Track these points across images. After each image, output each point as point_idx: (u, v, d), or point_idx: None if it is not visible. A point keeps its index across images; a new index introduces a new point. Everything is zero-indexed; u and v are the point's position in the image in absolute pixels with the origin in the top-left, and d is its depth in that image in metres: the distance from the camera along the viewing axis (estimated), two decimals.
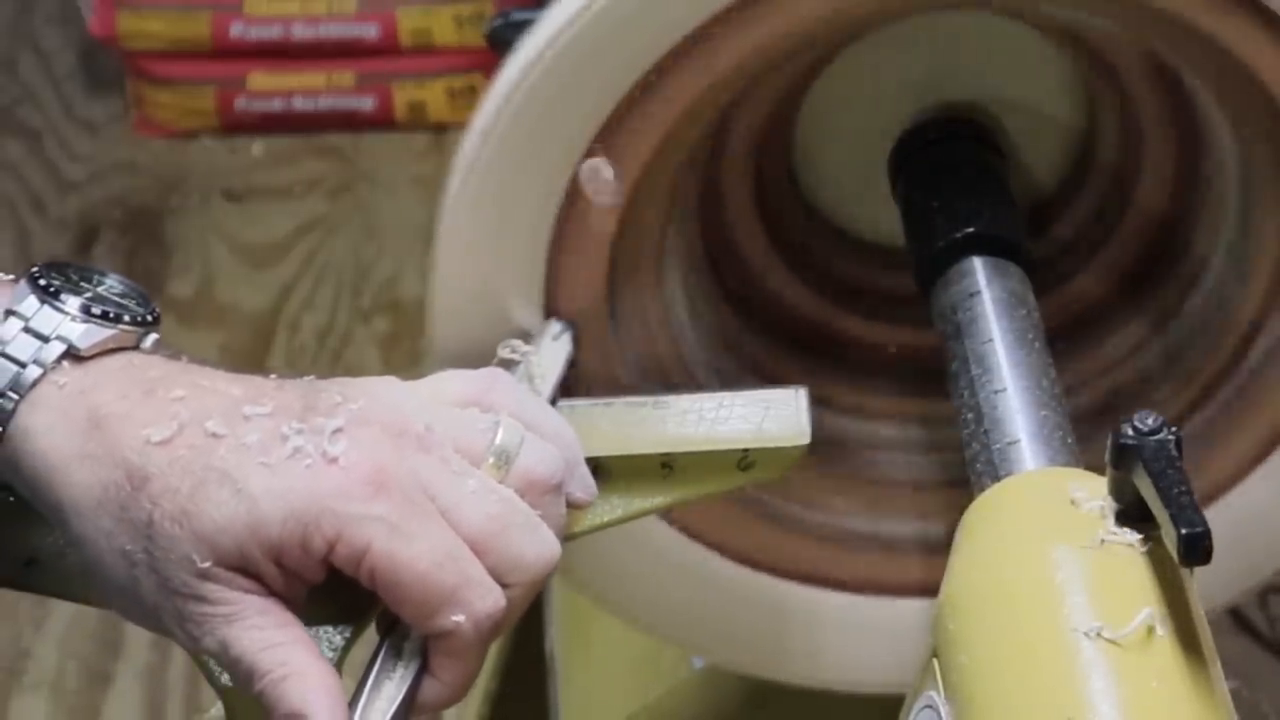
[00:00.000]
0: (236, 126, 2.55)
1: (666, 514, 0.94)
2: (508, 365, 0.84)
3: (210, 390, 0.71)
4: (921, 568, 0.98)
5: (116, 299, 0.74)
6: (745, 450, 0.81)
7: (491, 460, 0.72)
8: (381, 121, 2.54)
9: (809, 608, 0.98)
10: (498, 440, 0.73)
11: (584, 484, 0.77)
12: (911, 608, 0.98)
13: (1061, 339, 0.96)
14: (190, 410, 0.69)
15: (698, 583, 0.97)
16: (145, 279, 2.33)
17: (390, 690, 0.71)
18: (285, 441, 0.69)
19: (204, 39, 2.52)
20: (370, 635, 0.76)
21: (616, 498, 0.80)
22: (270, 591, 0.69)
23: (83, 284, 0.74)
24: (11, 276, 0.75)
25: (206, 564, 0.68)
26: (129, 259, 2.37)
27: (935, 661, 0.75)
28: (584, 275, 0.89)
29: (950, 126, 0.99)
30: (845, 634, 0.99)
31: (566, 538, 0.79)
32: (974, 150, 0.99)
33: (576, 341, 0.89)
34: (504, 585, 0.71)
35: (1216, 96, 0.92)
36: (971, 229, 0.92)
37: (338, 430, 0.69)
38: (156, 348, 0.74)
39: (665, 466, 0.80)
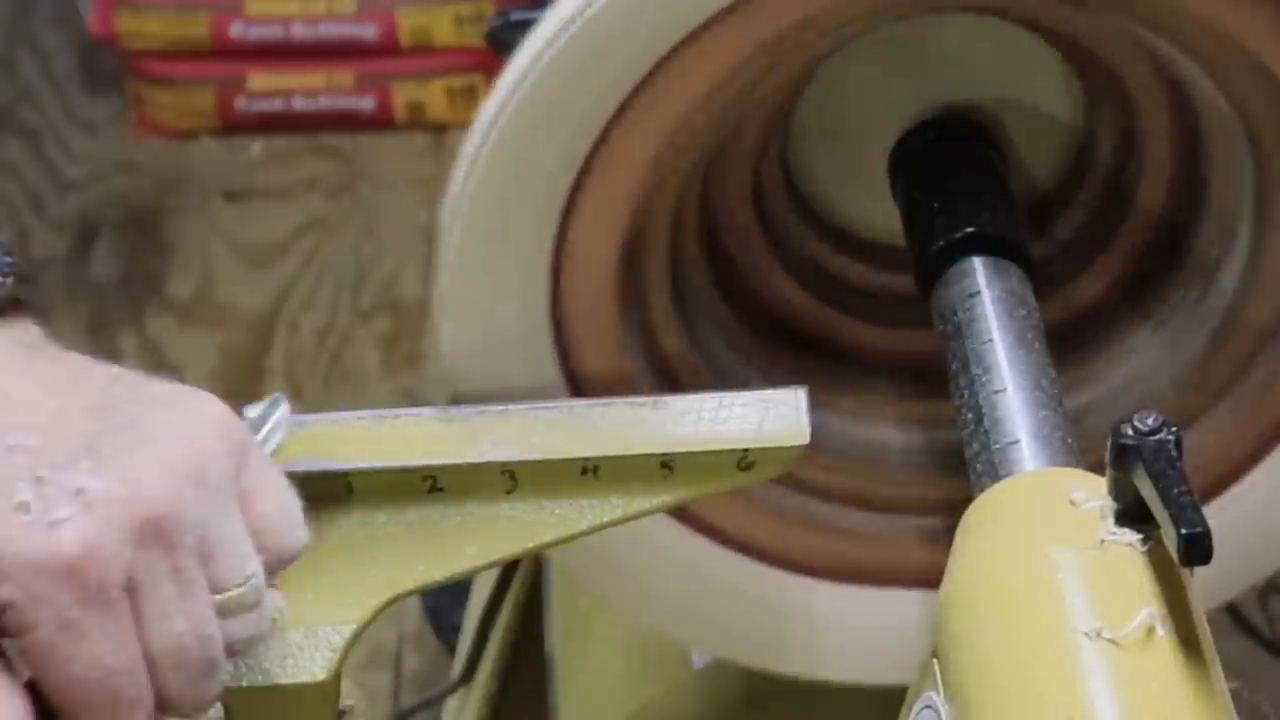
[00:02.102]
0: (236, 126, 2.55)
1: None
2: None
3: (8, 401, 0.66)
4: (922, 563, 0.98)
5: None
6: (745, 450, 0.81)
7: (219, 599, 0.68)
8: (381, 121, 2.54)
9: (809, 600, 0.98)
10: (239, 591, 0.69)
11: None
12: (912, 600, 0.98)
13: (1061, 339, 0.96)
14: None
15: (697, 575, 0.97)
16: (144, 279, 2.33)
17: None
18: (18, 491, 0.64)
19: (203, 39, 2.51)
20: (370, 635, 0.76)
21: (616, 498, 0.80)
22: None
23: None
24: None
25: None
26: (128, 259, 2.37)
27: (935, 662, 0.75)
28: (592, 276, 0.89)
29: (950, 126, 0.99)
30: (846, 626, 0.99)
31: (568, 539, 0.79)
32: (974, 150, 0.99)
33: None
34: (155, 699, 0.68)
35: (1229, 98, 0.91)
36: (971, 229, 0.92)
37: (80, 492, 0.65)
38: None
39: (665, 467, 0.81)
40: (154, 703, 0.67)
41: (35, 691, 0.66)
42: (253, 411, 0.78)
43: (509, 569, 1.36)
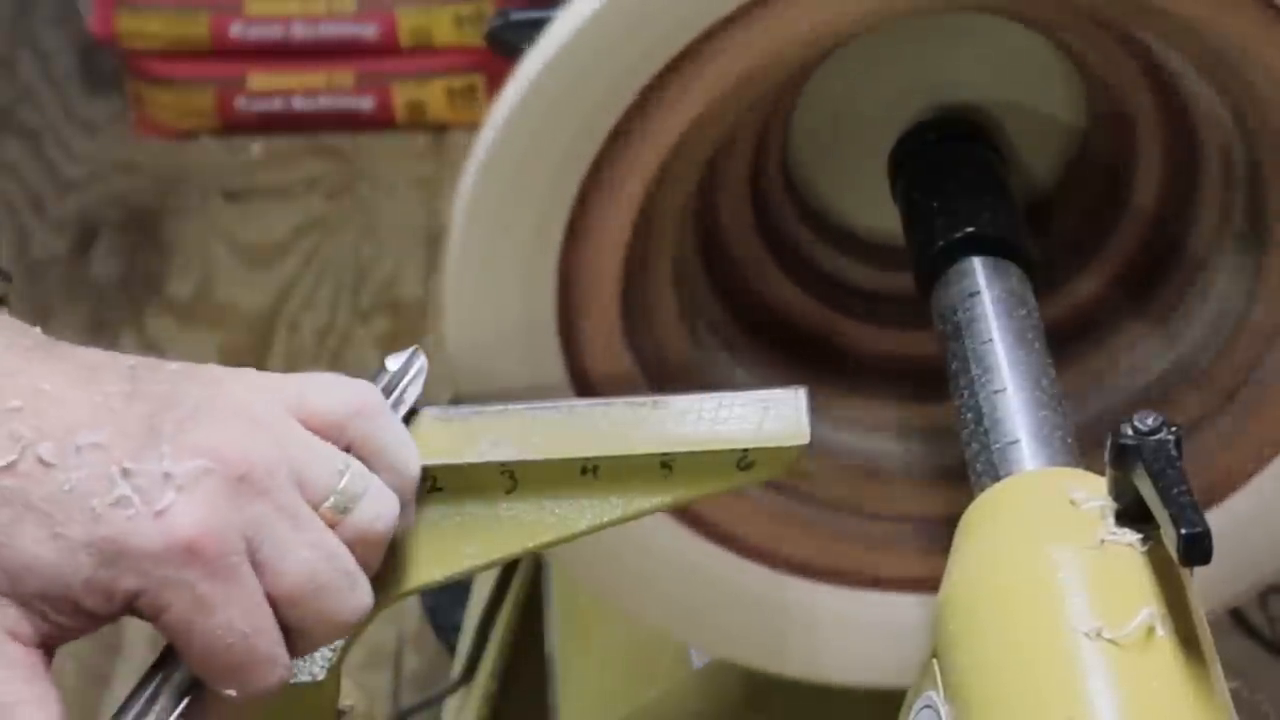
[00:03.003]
0: (236, 126, 2.55)
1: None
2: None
3: (51, 400, 0.68)
4: (921, 564, 0.98)
5: None
6: (745, 450, 0.81)
7: (330, 502, 0.71)
8: (381, 121, 2.54)
9: (809, 602, 0.98)
10: (341, 485, 0.72)
11: (408, 519, 0.77)
12: (911, 603, 0.98)
13: (1061, 339, 0.96)
14: (30, 429, 0.67)
15: (698, 576, 0.97)
16: (144, 279, 2.33)
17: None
18: (113, 488, 0.67)
19: (203, 39, 2.52)
20: (369, 635, 0.76)
21: (616, 498, 0.80)
22: (40, 635, 0.68)
23: None
24: None
25: None
26: (128, 259, 2.37)
27: (935, 662, 0.75)
28: (597, 276, 0.89)
29: (950, 126, 0.99)
30: (845, 628, 0.99)
31: (568, 539, 0.79)
32: (974, 150, 0.99)
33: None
34: (308, 635, 0.71)
35: (1222, 96, 0.91)
36: (971, 229, 0.92)
37: (169, 476, 0.67)
38: None
39: (665, 466, 0.81)
40: (288, 656, 0.70)
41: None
42: (393, 364, 0.80)
43: (509, 569, 1.36)
